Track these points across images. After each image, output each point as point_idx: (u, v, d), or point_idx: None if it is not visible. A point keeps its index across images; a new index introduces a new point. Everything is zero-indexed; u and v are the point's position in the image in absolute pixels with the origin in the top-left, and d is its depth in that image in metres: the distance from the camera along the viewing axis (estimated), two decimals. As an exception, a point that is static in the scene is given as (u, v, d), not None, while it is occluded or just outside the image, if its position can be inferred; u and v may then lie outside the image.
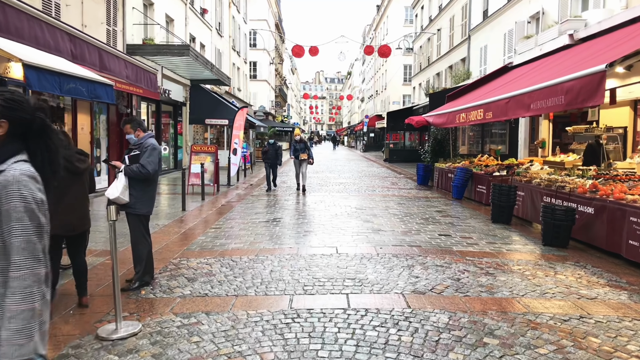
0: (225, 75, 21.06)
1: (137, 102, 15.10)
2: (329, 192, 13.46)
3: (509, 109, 8.77)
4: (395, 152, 31.55)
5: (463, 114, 11.76)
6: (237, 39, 33.46)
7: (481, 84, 15.58)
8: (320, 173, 20.49)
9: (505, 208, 9.09)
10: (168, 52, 14.65)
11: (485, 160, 14.72)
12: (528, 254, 6.68)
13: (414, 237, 7.53)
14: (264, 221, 8.95)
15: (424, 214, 9.98)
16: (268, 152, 14.01)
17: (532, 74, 10.89)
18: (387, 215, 9.64)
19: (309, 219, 9.24)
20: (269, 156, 13.93)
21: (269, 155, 13.93)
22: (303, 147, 13.66)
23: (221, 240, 7.30)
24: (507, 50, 19.53)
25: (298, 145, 13.69)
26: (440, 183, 15.45)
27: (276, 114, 58.42)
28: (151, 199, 5.12)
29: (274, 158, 13.96)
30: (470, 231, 8.19)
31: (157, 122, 17.58)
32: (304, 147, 13.66)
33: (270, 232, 7.88)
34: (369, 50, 25.01)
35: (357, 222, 8.84)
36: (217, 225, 8.60)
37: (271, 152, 13.95)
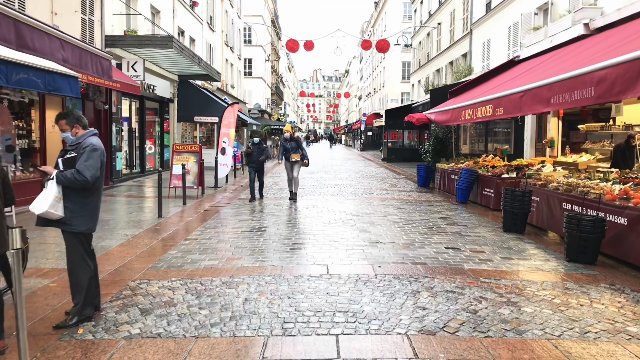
0: (215, 70, 20.02)
1: (117, 98, 14.06)
2: (323, 195, 12.44)
3: (523, 104, 7.77)
4: (393, 151, 30.57)
5: (469, 111, 10.76)
6: (230, 34, 32.39)
7: (486, 78, 14.58)
8: (315, 173, 19.47)
9: (519, 215, 8.10)
10: (150, 44, 13.60)
11: (490, 161, 13.74)
12: (552, 273, 5.68)
13: (417, 252, 6.52)
14: (248, 230, 7.93)
15: (427, 221, 8.97)
16: (252, 153, 11.60)
17: (545, 66, 9.88)
18: (387, 223, 8.63)
19: (298, 228, 8.22)
20: (254, 159, 11.62)
21: (254, 158, 11.62)
22: (295, 146, 11.37)
23: (194, 256, 6.28)
24: (511, 44, 18.54)
25: (289, 144, 11.39)
26: (442, 185, 14.46)
27: (272, 112, 57.37)
28: (92, 212, 4.10)
29: (260, 161, 11.63)
30: (481, 243, 7.19)
31: (140, 119, 16.53)
32: (295, 146, 11.37)
33: (252, 245, 6.86)
34: (366, 45, 23.98)
35: (353, 231, 7.83)
36: (194, 235, 7.58)
37: (256, 154, 11.57)
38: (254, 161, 11.57)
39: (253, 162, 11.60)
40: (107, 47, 13.57)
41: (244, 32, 45.00)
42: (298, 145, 11.39)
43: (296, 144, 11.39)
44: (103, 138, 13.44)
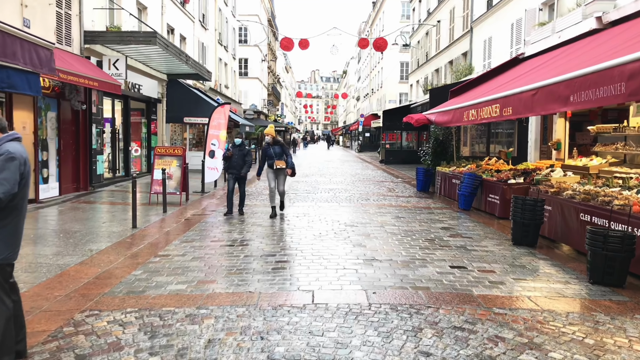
0: (204, 69, 19.18)
1: (97, 97, 13.21)
2: (315, 202, 11.61)
3: (536, 103, 6.96)
4: (391, 152, 29.76)
5: (473, 111, 9.95)
6: (224, 32, 31.56)
7: (489, 77, 13.77)
8: (309, 177, 18.66)
9: (530, 227, 7.28)
10: (132, 41, 12.76)
11: (494, 164, 12.93)
12: (577, 300, 4.86)
13: (418, 272, 5.69)
14: (228, 244, 7.09)
15: (428, 232, 8.15)
16: (232, 157, 9.53)
17: (555, 62, 9.08)
18: (383, 235, 7.80)
19: (285, 241, 7.38)
20: (233, 164, 9.54)
21: (233, 163, 9.54)
22: (279, 151, 9.41)
23: (161, 278, 5.44)
24: (514, 41, 17.75)
25: (271, 149, 9.42)
26: (443, 189, 13.64)
27: (269, 113, 56.57)
28: (9, 238, 3.25)
29: (240, 167, 9.52)
30: (490, 260, 6.36)
31: (125, 120, 15.68)
32: (280, 151, 9.42)
33: (230, 264, 6.03)
34: (363, 43, 23.18)
35: (346, 246, 6.99)
36: (168, 250, 6.74)
37: (236, 159, 9.52)
38: (234, 166, 9.53)
39: (232, 167, 9.55)
40: (87, 44, 12.74)
41: (240, 32, 44.20)
42: (283, 150, 9.48)
43: (280, 149, 9.47)
44: (82, 140, 12.61)
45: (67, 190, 12.04)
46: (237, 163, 9.53)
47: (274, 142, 9.52)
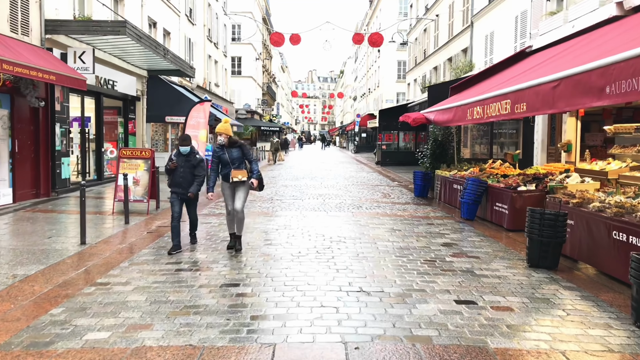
0: (187, 64, 17.92)
1: (62, 94, 11.94)
2: (301, 211, 10.36)
3: (559, 97, 5.75)
4: (388, 154, 28.54)
5: (478, 108, 8.74)
6: (214, 28, 30.30)
7: (493, 72, 12.55)
8: (299, 180, 17.41)
9: (551, 246, 6.07)
10: (99, 30, 11.50)
11: (499, 168, 11.73)
12: (627, 357, 3.64)
13: (416, 311, 4.46)
14: (184, 269, 5.85)
15: (428, 250, 6.92)
16: (176, 170, 6.76)
17: (572, 53, 7.84)
18: (375, 255, 6.57)
19: (254, 265, 6.14)
20: (178, 180, 6.74)
21: (178, 179, 6.74)
22: (238, 155, 6.67)
23: (83, 320, 4.21)
24: (519, 35, 16.57)
25: (226, 154, 6.64)
26: (443, 195, 12.43)
27: (264, 112, 55.35)
28: None
29: (188, 183, 6.75)
30: (505, 290, 5.14)
31: (97, 119, 14.41)
32: (238, 155, 6.67)
33: (177, 299, 4.79)
34: (358, 38, 21.96)
35: (328, 271, 5.75)
36: (109, 276, 5.50)
37: (183, 172, 6.73)
38: (179, 183, 6.73)
39: (177, 184, 6.74)
40: (48, 34, 11.48)
41: (233, 30, 42.96)
42: (243, 154, 6.74)
43: (239, 153, 6.68)
44: (42, 140, 11.34)
45: (24, 196, 10.78)
46: (183, 178, 6.73)
47: (230, 143, 6.67)
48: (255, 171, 6.80)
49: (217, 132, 6.65)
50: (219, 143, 6.72)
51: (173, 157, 6.87)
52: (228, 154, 6.67)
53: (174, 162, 6.77)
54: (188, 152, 6.81)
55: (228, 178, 6.70)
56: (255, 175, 6.78)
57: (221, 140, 6.70)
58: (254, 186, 6.72)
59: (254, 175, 6.76)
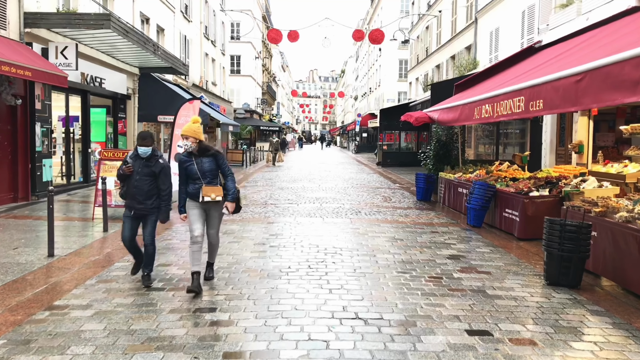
0: (179, 61, 17.22)
1: (43, 91, 11.26)
2: (295, 217, 9.66)
3: (583, 92, 5.04)
4: (389, 154, 27.83)
5: (487, 106, 8.03)
6: (211, 26, 29.60)
7: (500, 69, 11.83)
8: (296, 182, 16.71)
9: (573, 261, 5.36)
10: (82, 24, 10.80)
11: (507, 171, 11.03)
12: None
13: (421, 346, 3.75)
14: (156, 287, 5.15)
15: (433, 263, 6.22)
16: (131, 177, 5.23)
17: (591, 46, 7.13)
18: (374, 271, 5.87)
19: (236, 283, 5.44)
20: (133, 190, 5.22)
21: (133, 189, 5.22)
22: (210, 167, 5.13)
23: (22, 358, 3.52)
24: (526, 31, 15.86)
25: (195, 165, 5.09)
26: (447, 199, 11.73)
27: (263, 112, 54.65)
28: None
29: (147, 195, 5.21)
30: (523, 316, 4.44)
31: (84, 118, 13.72)
32: (211, 167, 5.14)
33: (141, 328, 4.09)
34: (358, 35, 21.25)
35: (320, 292, 5.05)
36: (67, 298, 4.81)
37: (139, 180, 5.19)
38: (135, 195, 5.18)
39: (133, 196, 5.20)
40: (28, 28, 10.80)
41: (232, 28, 42.30)
42: (218, 165, 5.17)
43: (213, 163, 5.13)
44: (21, 141, 10.67)
45: (0, 201, 10.10)
46: (138, 189, 5.13)
47: (200, 150, 5.06)
48: (231, 190, 5.15)
49: (182, 135, 5.04)
50: (186, 150, 5.08)
51: (129, 159, 5.26)
52: (198, 164, 5.04)
53: (128, 166, 5.17)
54: (148, 155, 5.17)
55: (197, 196, 5.04)
56: (231, 196, 5.14)
57: (188, 146, 5.02)
58: (229, 212, 5.19)
59: (229, 197, 5.14)
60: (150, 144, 5.20)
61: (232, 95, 40.37)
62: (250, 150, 29.00)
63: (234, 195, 5.19)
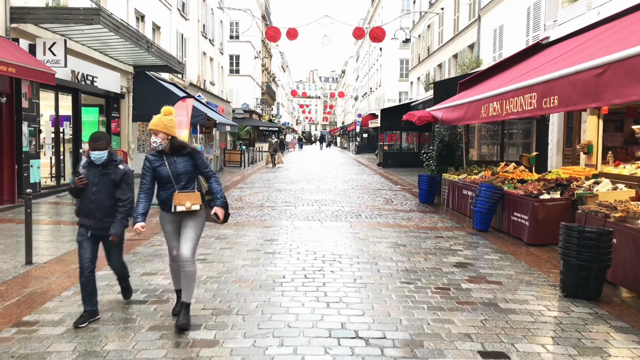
0: (175, 59, 16.79)
1: (30, 89, 10.83)
2: (292, 220, 9.21)
3: (604, 86, 4.61)
4: (390, 155, 27.40)
5: (495, 104, 7.59)
6: (209, 24, 29.18)
7: (505, 67, 11.38)
8: (295, 184, 16.27)
9: (592, 271, 4.92)
10: (70, 19, 10.38)
11: (514, 172, 10.58)
12: None
13: (429, 370, 3.32)
14: (136, 300, 4.71)
15: (440, 273, 5.77)
16: (86, 191, 4.19)
17: (608, 39, 6.68)
18: (375, 280, 5.43)
19: (224, 294, 5.00)
20: (89, 206, 4.19)
21: (88, 205, 4.19)
22: (185, 169, 4.19)
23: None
24: (532, 28, 15.43)
25: (167, 166, 4.16)
26: (451, 202, 11.29)
27: (263, 112, 54.24)
28: None
29: (106, 212, 4.21)
30: (542, 334, 4.00)
31: (75, 117, 13.29)
32: (187, 169, 4.20)
33: (112, 349, 3.65)
34: (358, 33, 20.82)
35: (316, 305, 4.61)
36: (40, 312, 4.37)
37: (96, 193, 4.17)
38: (91, 212, 4.19)
39: (88, 213, 4.21)
40: (14, 23, 10.37)
41: (231, 28, 41.90)
42: (195, 165, 4.28)
43: (188, 164, 4.23)
44: (6, 141, 10.23)
45: (-16, 203, 9.68)
46: (97, 204, 4.17)
47: (173, 148, 4.17)
48: (217, 193, 4.27)
49: (150, 130, 4.16)
50: (154, 147, 4.17)
51: (81, 168, 4.26)
52: (170, 165, 4.14)
53: (80, 178, 4.15)
54: (105, 161, 4.16)
55: (169, 205, 4.16)
56: (220, 200, 4.27)
57: (157, 144, 4.11)
58: (219, 219, 4.29)
59: (218, 201, 4.26)
60: (105, 147, 4.17)
61: (231, 95, 39.95)
62: (249, 151, 28.59)
63: (223, 199, 4.31)
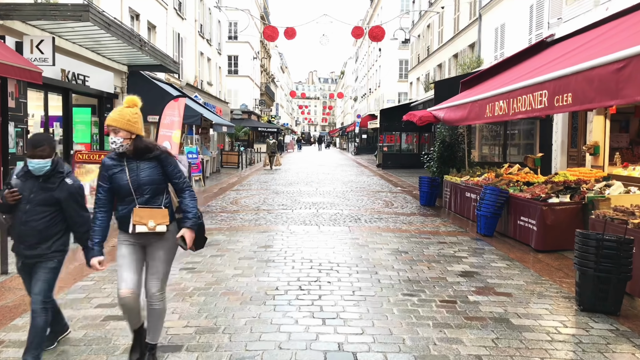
0: (170, 58, 16.38)
1: (17, 89, 10.42)
2: (288, 224, 8.81)
3: (625, 81, 4.22)
4: (389, 156, 27.01)
5: (501, 103, 7.20)
6: (206, 24, 28.81)
7: (509, 66, 11.01)
8: (293, 185, 15.88)
9: (612, 283, 4.53)
10: (58, 15, 9.96)
11: (519, 174, 10.20)
12: None
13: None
14: (113, 316, 4.32)
15: (445, 283, 5.38)
16: (19, 206, 3.25)
17: (618, 36, 6.31)
18: (376, 292, 5.03)
19: (211, 309, 4.59)
20: (22, 228, 3.28)
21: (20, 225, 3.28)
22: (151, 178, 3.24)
23: None
24: (534, 26, 15.07)
25: (126, 173, 3.21)
26: (453, 204, 10.90)
27: (262, 113, 53.87)
28: None
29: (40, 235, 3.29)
30: (559, 356, 3.61)
31: (65, 118, 12.89)
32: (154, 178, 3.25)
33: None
34: (357, 32, 20.44)
35: (311, 322, 4.21)
36: (4, 331, 3.98)
37: (32, 209, 3.26)
38: (21, 235, 3.31)
39: (22, 236, 3.30)
40: (0, 20, 9.96)
41: (230, 28, 41.54)
42: (166, 174, 3.30)
43: (156, 171, 3.27)
44: (-9, 143, 9.81)
45: (-33, 207, 9.25)
46: (30, 226, 3.27)
47: (137, 149, 3.22)
48: (189, 211, 3.24)
49: (108, 127, 3.16)
50: (115, 149, 3.20)
51: (14, 179, 3.29)
52: (130, 172, 3.18)
53: (12, 191, 3.22)
54: (47, 172, 3.22)
55: (127, 224, 3.19)
56: (191, 221, 3.24)
57: (117, 145, 3.16)
58: (186, 247, 3.23)
59: (188, 222, 3.24)
60: (49, 154, 3.18)
61: (229, 95, 39.56)
62: (247, 152, 28.20)
63: (195, 218, 3.22)
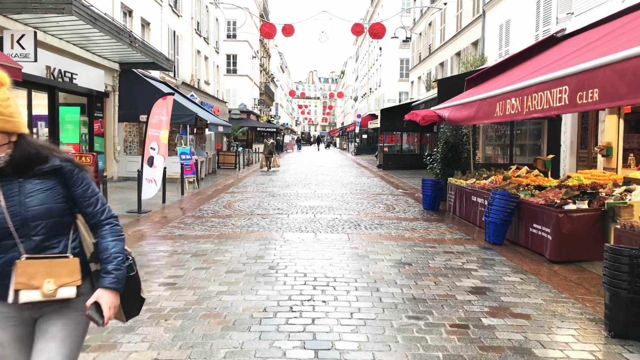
0: (162, 56, 15.81)
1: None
2: (282, 232, 8.23)
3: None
4: (390, 157, 26.44)
5: (513, 100, 6.62)
6: (203, 22, 28.23)
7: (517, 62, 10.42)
8: (290, 188, 15.29)
9: (647, 307, 3.95)
10: (39, 8, 9.41)
11: (528, 177, 9.62)
12: None
13: None
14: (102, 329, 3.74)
15: (454, 302, 4.79)
16: None
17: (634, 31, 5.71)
18: (377, 315, 4.44)
19: (188, 336, 4.03)
20: None
21: None
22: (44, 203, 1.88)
23: None
24: (542, 22, 14.49)
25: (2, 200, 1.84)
26: (457, 209, 10.32)
27: (261, 113, 53.31)
28: None
29: None
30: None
31: (51, 117, 12.31)
32: (49, 201, 1.90)
33: None
34: (357, 29, 19.87)
35: (300, 353, 3.62)
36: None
37: None
38: None
39: None
40: (-22, 13, 9.42)
41: (228, 27, 40.93)
42: (71, 197, 1.99)
43: (54, 193, 1.93)
44: (-32, 143, 9.22)
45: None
46: None
47: (16, 159, 1.89)
48: (112, 259, 1.99)
49: None
50: None
51: None
52: (7, 198, 1.89)
53: None
54: None
55: (5, 288, 1.88)
56: (113, 275, 1.97)
57: None
58: (100, 320, 1.92)
59: (108, 278, 1.96)
60: None
61: (227, 95, 39.00)
62: (244, 152, 27.63)
63: (119, 270, 2.00)
